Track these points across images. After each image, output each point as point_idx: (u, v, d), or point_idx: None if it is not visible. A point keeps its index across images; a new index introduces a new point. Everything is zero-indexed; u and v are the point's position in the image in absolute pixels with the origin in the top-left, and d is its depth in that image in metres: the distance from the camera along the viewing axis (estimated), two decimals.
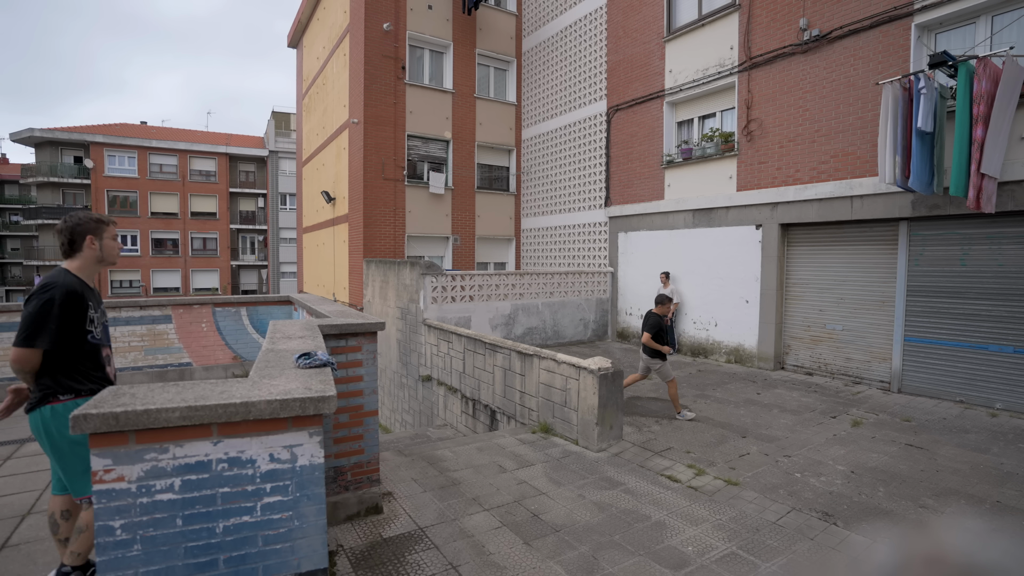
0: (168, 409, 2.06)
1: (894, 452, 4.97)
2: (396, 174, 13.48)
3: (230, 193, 34.76)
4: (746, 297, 9.17)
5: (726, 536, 3.44)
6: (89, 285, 2.71)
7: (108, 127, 32.85)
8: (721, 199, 9.55)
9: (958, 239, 6.83)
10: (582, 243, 13.18)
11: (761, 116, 8.91)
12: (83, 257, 2.68)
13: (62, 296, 2.49)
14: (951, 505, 3.90)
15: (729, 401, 6.81)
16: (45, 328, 2.45)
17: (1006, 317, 6.41)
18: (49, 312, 2.46)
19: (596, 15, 12.57)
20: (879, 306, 7.61)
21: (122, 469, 2.04)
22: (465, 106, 14.61)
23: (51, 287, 2.50)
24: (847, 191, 7.67)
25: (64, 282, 2.53)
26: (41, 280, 2.62)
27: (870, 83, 7.38)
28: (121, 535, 2.04)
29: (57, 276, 2.56)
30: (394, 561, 3.06)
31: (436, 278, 9.68)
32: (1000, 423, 5.89)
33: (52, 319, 2.46)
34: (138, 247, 32.01)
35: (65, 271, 2.62)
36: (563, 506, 3.83)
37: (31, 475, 4.34)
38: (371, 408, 3.71)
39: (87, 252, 2.68)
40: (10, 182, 35.95)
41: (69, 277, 2.59)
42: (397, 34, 13.37)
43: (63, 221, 2.68)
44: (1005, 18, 6.48)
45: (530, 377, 6.05)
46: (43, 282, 2.52)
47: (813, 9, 8.12)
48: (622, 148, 11.79)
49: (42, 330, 2.44)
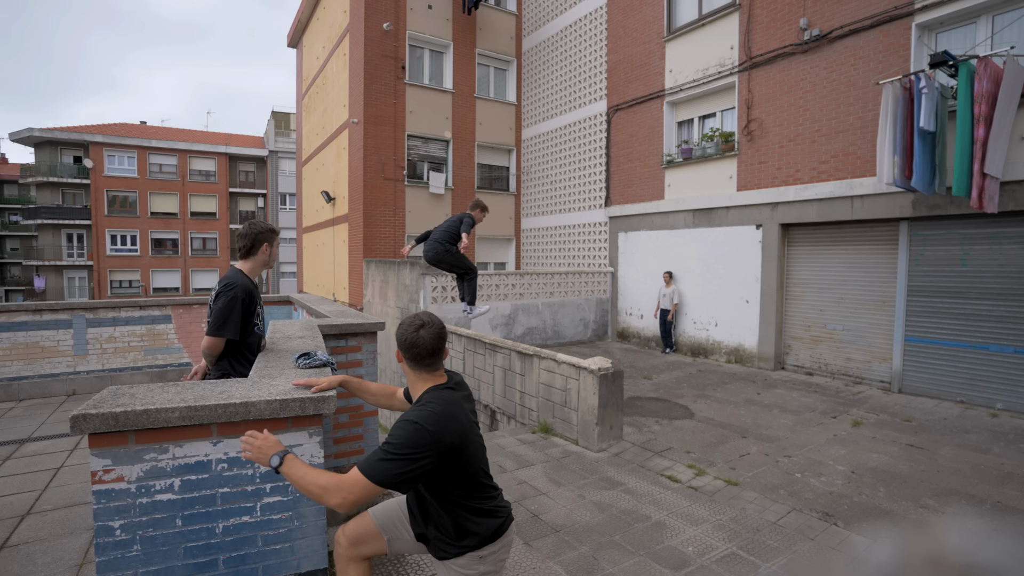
0: (168, 409, 2.06)
1: (895, 452, 4.97)
2: (396, 174, 13.47)
3: (230, 193, 34.73)
4: (746, 297, 9.17)
5: (726, 536, 3.43)
6: (255, 284, 3.03)
7: (107, 127, 32.83)
8: (721, 199, 9.54)
9: (959, 239, 6.83)
10: (582, 243, 13.17)
11: (761, 116, 8.91)
12: (255, 260, 3.00)
13: (243, 294, 2.83)
14: (952, 505, 3.89)
15: (729, 401, 6.81)
16: (230, 321, 2.78)
17: (1007, 317, 6.41)
18: (234, 308, 2.79)
19: (596, 15, 12.57)
20: (879, 306, 7.61)
21: (122, 469, 2.04)
22: (465, 106, 14.61)
23: (233, 286, 2.82)
24: (847, 191, 7.66)
25: (242, 282, 2.87)
26: (223, 279, 2.87)
27: (870, 83, 7.38)
28: (121, 535, 2.04)
29: (236, 276, 2.89)
30: (394, 561, 3.06)
31: (436, 278, 9.67)
32: (1001, 423, 5.89)
33: (236, 314, 2.80)
34: (138, 247, 31.99)
35: (240, 271, 2.94)
36: (563, 506, 3.83)
37: (31, 475, 4.33)
38: (371, 408, 3.71)
39: (259, 257, 3.01)
40: (9, 182, 35.94)
41: (244, 278, 2.91)
42: (397, 34, 13.36)
43: (248, 227, 3.01)
44: (1006, 18, 6.48)
45: (530, 377, 6.04)
46: (226, 282, 2.85)
47: (813, 9, 8.11)
48: (622, 148, 11.78)
49: (228, 322, 2.78)
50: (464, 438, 1.85)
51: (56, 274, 31.44)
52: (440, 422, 1.80)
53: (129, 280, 31.93)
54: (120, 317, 7.84)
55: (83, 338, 7.56)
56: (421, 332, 1.91)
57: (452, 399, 1.91)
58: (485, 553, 1.94)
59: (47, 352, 7.32)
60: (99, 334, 7.67)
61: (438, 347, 1.93)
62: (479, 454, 1.94)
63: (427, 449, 1.74)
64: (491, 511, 1.97)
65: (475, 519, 1.93)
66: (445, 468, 1.82)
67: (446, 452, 1.79)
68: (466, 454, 1.85)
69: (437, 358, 1.94)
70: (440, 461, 1.78)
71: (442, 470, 1.82)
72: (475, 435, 1.94)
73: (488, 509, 1.96)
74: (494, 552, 1.97)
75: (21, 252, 34.52)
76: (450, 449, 1.79)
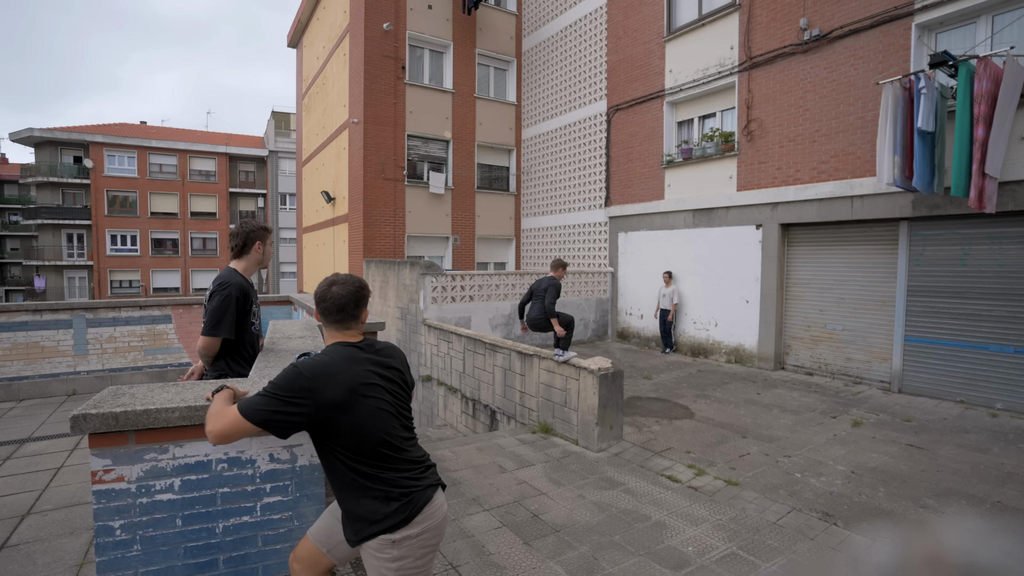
0: (168, 409, 2.06)
1: (894, 452, 4.97)
2: (396, 174, 13.47)
3: (230, 193, 34.73)
4: (746, 297, 9.17)
5: (726, 536, 3.43)
6: (250, 283, 3.01)
7: (108, 127, 32.83)
8: (721, 199, 9.54)
9: (958, 239, 6.83)
10: (582, 243, 13.17)
11: (761, 116, 8.91)
12: (249, 259, 3.01)
13: (237, 293, 2.82)
14: (951, 505, 3.89)
15: (729, 401, 6.81)
16: (225, 320, 2.78)
17: (1007, 317, 6.41)
18: (228, 307, 2.79)
19: (596, 15, 12.57)
20: (879, 306, 7.61)
21: (122, 469, 2.04)
22: (465, 106, 14.61)
23: (227, 285, 2.82)
24: (847, 191, 7.66)
25: (236, 281, 2.86)
26: (217, 279, 2.87)
27: (870, 83, 7.38)
28: (121, 535, 2.04)
29: (230, 276, 2.88)
30: None
31: (436, 278, 9.68)
32: (1000, 423, 5.89)
33: (230, 313, 2.79)
34: (138, 247, 31.99)
35: (234, 271, 2.94)
36: (563, 506, 3.83)
37: (31, 475, 4.33)
38: None
39: (253, 255, 3.01)
40: (10, 182, 35.94)
41: (239, 276, 2.91)
42: (397, 34, 13.36)
43: (239, 226, 3.02)
44: (1005, 18, 6.48)
45: (530, 377, 6.04)
46: (220, 281, 2.84)
47: (813, 9, 8.11)
48: (622, 148, 11.78)
49: (222, 321, 2.78)
50: (351, 396, 1.76)
51: (56, 274, 31.44)
52: (321, 373, 1.77)
53: (129, 280, 31.93)
54: (120, 317, 7.83)
55: (83, 338, 7.56)
56: (333, 289, 1.92)
57: (351, 355, 1.86)
58: (398, 536, 1.78)
59: (47, 352, 7.32)
60: (99, 334, 7.67)
61: (347, 304, 1.91)
62: (378, 419, 1.81)
63: (300, 396, 1.72)
64: (398, 485, 1.81)
65: (375, 492, 1.80)
66: (329, 426, 1.75)
67: (326, 407, 1.73)
68: (352, 414, 1.76)
69: (346, 315, 1.91)
70: (319, 414, 1.73)
71: (326, 428, 1.76)
72: (374, 397, 1.82)
73: (392, 481, 1.81)
74: (410, 536, 1.79)
75: (21, 252, 34.52)
76: (330, 404, 1.74)
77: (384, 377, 1.89)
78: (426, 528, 1.83)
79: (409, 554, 1.79)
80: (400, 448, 1.85)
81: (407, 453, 1.87)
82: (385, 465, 1.81)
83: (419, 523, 1.81)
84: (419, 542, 1.81)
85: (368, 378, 1.83)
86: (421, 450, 1.97)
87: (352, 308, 1.92)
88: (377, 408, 1.82)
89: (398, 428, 1.87)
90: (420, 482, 1.85)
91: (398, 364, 1.99)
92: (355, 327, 1.96)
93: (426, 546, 1.84)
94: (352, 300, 1.92)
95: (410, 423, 1.98)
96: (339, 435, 1.76)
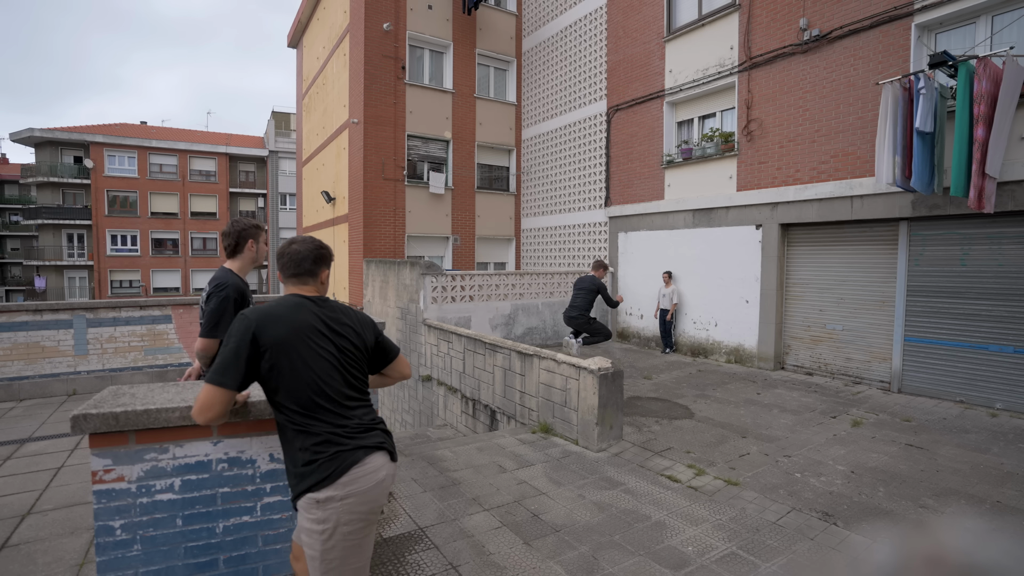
0: (168, 409, 2.06)
1: (894, 452, 4.97)
2: (396, 174, 13.47)
3: (230, 193, 34.74)
4: (746, 297, 9.17)
5: (726, 536, 3.44)
6: (245, 283, 3.02)
7: (108, 127, 32.84)
8: (721, 199, 9.54)
9: (958, 239, 6.83)
10: (582, 243, 13.18)
11: (761, 116, 8.91)
12: (243, 258, 3.01)
13: (235, 294, 2.83)
14: (951, 505, 3.89)
15: (729, 401, 6.81)
16: (223, 321, 2.76)
17: (1006, 317, 6.41)
18: (226, 308, 2.78)
19: (596, 15, 12.57)
20: (879, 306, 7.61)
21: (122, 469, 2.04)
22: (465, 106, 14.61)
23: (225, 286, 2.82)
24: (847, 191, 7.66)
25: (233, 282, 2.86)
26: (213, 280, 2.89)
27: (870, 83, 7.38)
28: (121, 535, 2.04)
29: (227, 276, 2.88)
30: (394, 561, 3.06)
31: (436, 278, 9.68)
32: (1000, 423, 5.89)
33: (229, 313, 2.78)
34: (138, 247, 31.99)
35: (229, 271, 2.94)
36: (563, 506, 3.83)
37: (31, 475, 4.33)
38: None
39: (247, 254, 3.02)
40: (10, 182, 35.95)
41: (235, 277, 2.90)
42: (397, 34, 13.37)
43: (231, 225, 3.02)
44: (1005, 18, 6.48)
45: (530, 377, 6.04)
46: (216, 282, 2.84)
47: (813, 9, 8.12)
48: (622, 148, 11.79)
49: (221, 322, 2.76)
50: (292, 337, 1.79)
51: (56, 274, 31.44)
52: (264, 315, 1.82)
53: (129, 280, 31.93)
54: (120, 317, 7.84)
55: (83, 338, 7.56)
56: (293, 246, 2.01)
57: (298, 303, 1.91)
58: (322, 496, 1.72)
59: (47, 352, 7.32)
60: (99, 334, 7.67)
61: (304, 259, 1.98)
62: (317, 365, 1.81)
63: (245, 337, 1.77)
64: (329, 441, 1.76)
65: (305, 445, 1.77)
66: (272, 369, 1.78)
67: (268, 347, 1.77)
68: (292, 356, 1.78)
69: (303, 270, 1.99)
70: (263, 356, 1.77)
71: (270, 371, 1.78)
72: (316, 344, 1.83)
73: (323, 436, 1.77)
74: (334, 499, 1.72)
75: (22, 252, 34.53)
76: (272, 345, 1.77)
77: (332, 330, 1.91)
78: (352, 492, 1.74)
79: (334, 519, 1.72)
80: (339, 404, 1.84)
81: (347, 411, 1.85)
82: (320, 418, 1.79)
83: (345, 485, 1.73)
84: (345, 507, 1.73)
85: (312, 324, 1.87)
86: (370, 414, 1.94)
87: (309, 264, 1.99)
88: (318, 354, 1.83)
89: (339, 382, 1.86)
90: (353, 441, 1.80)
91: (351, 322, 2.00)
92: (311, 283, 2.02)
93: (354, 513, 1.74)
94: (310, 256, 2.00)
95: (359, 383, 1.95)
96: (280, 378, 1.79)
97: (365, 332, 2.02)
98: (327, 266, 2.08)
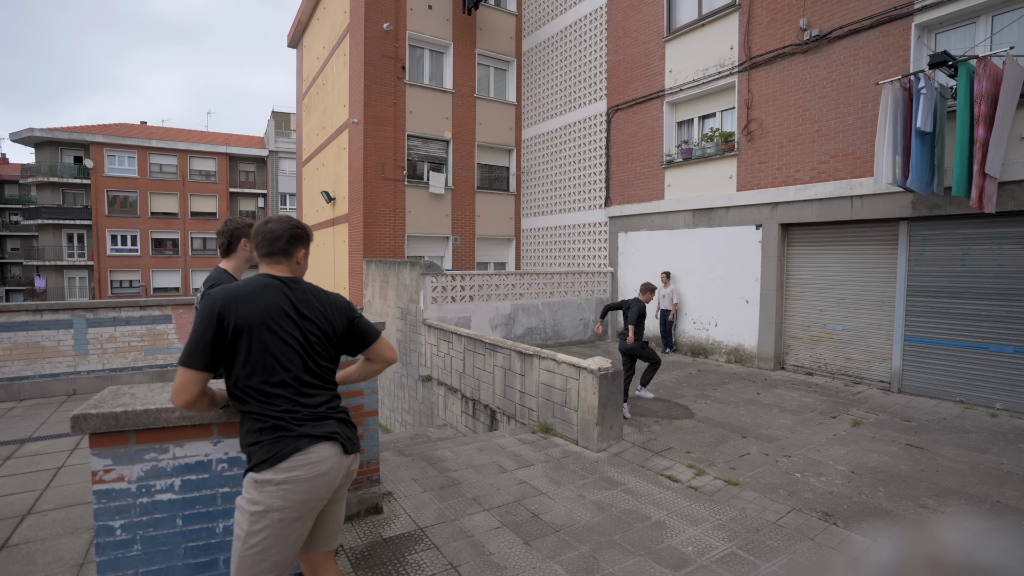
0: (168, 409, 2.06)
1: (894, 452, 4.97)
2: (396, 174, 13.47)
3: (230, 193, 34.73)
4: (746, 297, 9.17)
5: (726, 536, 3.44)
6: None
7: (108, 127, 32.83)
8: (721, 199, 9.54)
9: (958, 239, 6.83)
10: (582, 243, 13.17)
11: (761, 116, 8.91)
12: (237, 258, 2.97)
13: None
14: (951, 505, 3.89)
15: (729, 401, 6.81)
16: None
17: (1006, 317, 6.41)
18: None
19: (596, 15, 12.57)
20: (879, 306, 7.61)
21: (122, 469, 2.04)
22: (465, 106, 14.61)
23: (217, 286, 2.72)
24: (847, 191, 7.66)
25: (227, 281, 2.76)
26: (208, 280, 2.83)
27: (870, 83, 7.38)
28: (121, 535, 2.04)
29: (220, 276, 2.82)
30: (394, 561, 3.06)
31: (436, 278, 9.68)
32: (1000, 423, 5.89)
33: None
34: (138, 247, 31.98)
35: (224, 270, 2.90)
36: (563, 506, 3.83)
37: (31, 475, 4.33)
38: (371, 408, 3.71)
39: (241, 254, 2.97)
40: (10, 182, 35.94)
41: (229, 276, 2.85)
42: (397, 34, 13.37)
43: (224, 224, 2.98)
44: (1005, 18, 6.48)
45: (530, 377, 6.04)
46: (211, 282, 2.77)
47: (813, 9, 8.12)
48: (622, 148, 11.79)
49: None
50: (257, 318, 1.79)
51: (56, 274, 31.43)
52: (231, 294, 1.81)
53: (129, 280, 31.93)
54: (120, 317, 7.84)
55: (83, 338, 7.56)
56: (268, 225, 1.98)
57: (267, 284, 1.89)
58: (260, 478, 1.71)
59: (47, 352, 7.32)
60: (99, 334, 7.67)
61: (278, 238, 1.96)
62: (278, 347, 1.80)
63: (210, 317, 1.77)
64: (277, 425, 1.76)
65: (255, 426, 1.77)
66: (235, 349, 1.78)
67: (233, 327, 1.77)
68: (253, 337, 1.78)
69: (276, 249, 1.97)
70: (228, 335, 1.77)
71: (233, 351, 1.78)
72: (279, 326, 1.82)
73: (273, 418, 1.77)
74: (270, 482, 1.71)
75: (22, 252, 34.52)
76: (237, 325, 1.77)
77: (300, 313, 1.90)
78: (290, 479, 1.71)
79: (267, 503, 1.70)
80: (296, 390, 1.82)
81: (304, 397, 1.83)
82: (272, 402, 1.79)
83: (284, 470, 1.71)
84: (280, 492, 1.70)
85: (280, 306, 1.85)
86: (331, 403, 1.92)
87: (283, 243, 1.97)
88: (280, 338, 1.82)
89: (299, 367, 1.85)
90: (300, 428, 1.78)
91: (322, 305, 1.96)
92: (285, 263, 1.98)
93: (288, 501, 1.71)
94: (285, 235, 1.97)
95: (323, 370, 1.93)
96: (241, 357, 1.78)
97: (336, 316, 1.98)
98: (303, 246, 2.03)
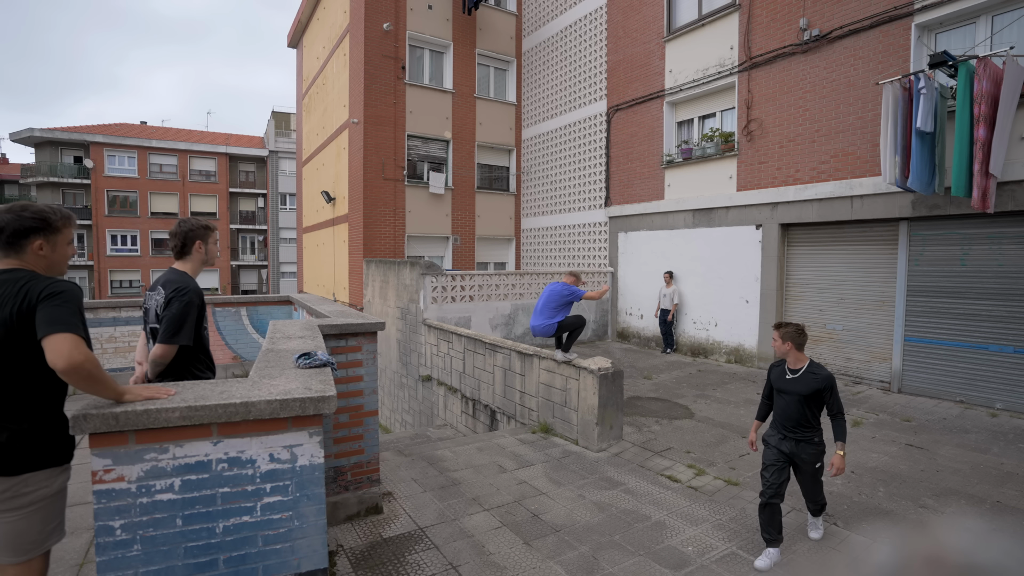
0: (168, 409, 2.06)
1: (894, 452, 4.97)
2: (396, 174, 13.47)
3: (230, 193, 34.74)
4: (746, 297, 9.17)
5: (726, 536, 3.44)
6: None
7: (108, 127, 32.84)
8: (721, 199, 9.54)
9: (958, 239, 6.83)
10: (582, 243, 13.17)
11: (761, 116, 8.91)
12: (193, 260, 2.89)
13: (197, 299, 2.74)
14: (951, 505, 3.89)
15: (729, 401, 6.81)
16: (186, 326, 2.67)
17: (1006, 317, 6.41)
18: (189, 312, 2.68)
19: (596, 15, 12.57)
20: (879, 306, 7.61)
21: (122, 469, 2.04)
22: (465, 106, 14.61)
23: (187, 290, 2.70)
24: (847, 191, 7.66)
25: (194, 286, 2.76)
26: (171, 284, 2.74)
27: (870, 83, 7.38)
28: (121, 535, 2.04)
29: (185, 280, 2.76)
30: (394, 561, 3.06)
31: (436, 278, 9.68)
32: (1000, 423, 5.89)
33: (191, 318, 2.69)
34: (138, 247, 32.00)
35: (184, 273, 2.82)
36: (563, 506, 3.83)
37: None
38: (371, 408, 3.71)
39: (196, 256, 2.89)
40: (10, 182, 35.92)
41: (192, 280, 2.80)
42: (397, 34, 13.37)
43: (178, 225, 2.90)
44: (1005, 18, 6.48)
45: (530, 377, 6.04)
46: (176, 286, 2.71)
47: (813, 9, 8.11)
48: (622, 148, 11.79)
49: (184, 328, 2.66)
50: None
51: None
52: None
53: (129, 280, 31.95)
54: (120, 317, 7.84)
55: None
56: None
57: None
58: None
59: None
60: (99, 334, 7.67)
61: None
62: None
63: None
64: None
65: None
66: None
67: None
68: None
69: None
70: None
71: None
72: None
73: None
74: None
75: None
76: None
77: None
78: None
79: None
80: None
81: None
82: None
83: None
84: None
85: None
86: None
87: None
88: None
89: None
90: None
91: (9, 291, 1.90)
92: (13, 256, 2.01)
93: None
94: (11, 228, 1.98)
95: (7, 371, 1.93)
96: None
97: (20, 301, 1.89)
98: (35, 237, 2.03)
